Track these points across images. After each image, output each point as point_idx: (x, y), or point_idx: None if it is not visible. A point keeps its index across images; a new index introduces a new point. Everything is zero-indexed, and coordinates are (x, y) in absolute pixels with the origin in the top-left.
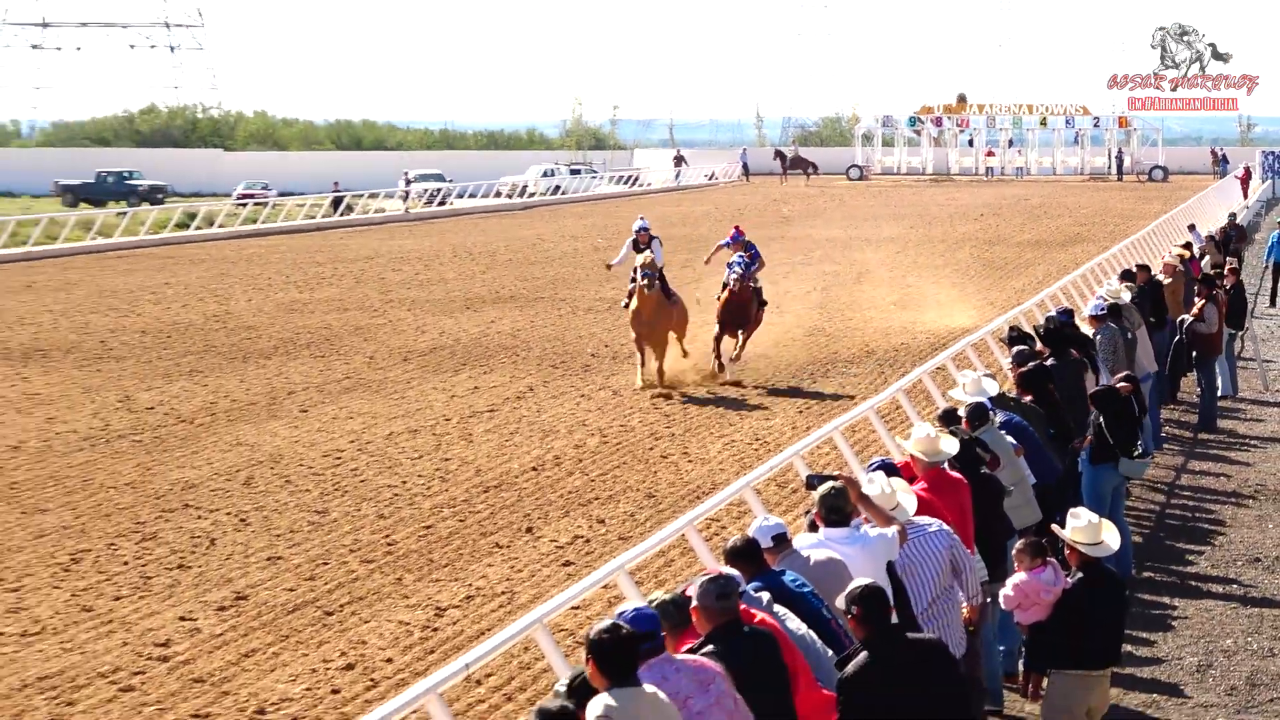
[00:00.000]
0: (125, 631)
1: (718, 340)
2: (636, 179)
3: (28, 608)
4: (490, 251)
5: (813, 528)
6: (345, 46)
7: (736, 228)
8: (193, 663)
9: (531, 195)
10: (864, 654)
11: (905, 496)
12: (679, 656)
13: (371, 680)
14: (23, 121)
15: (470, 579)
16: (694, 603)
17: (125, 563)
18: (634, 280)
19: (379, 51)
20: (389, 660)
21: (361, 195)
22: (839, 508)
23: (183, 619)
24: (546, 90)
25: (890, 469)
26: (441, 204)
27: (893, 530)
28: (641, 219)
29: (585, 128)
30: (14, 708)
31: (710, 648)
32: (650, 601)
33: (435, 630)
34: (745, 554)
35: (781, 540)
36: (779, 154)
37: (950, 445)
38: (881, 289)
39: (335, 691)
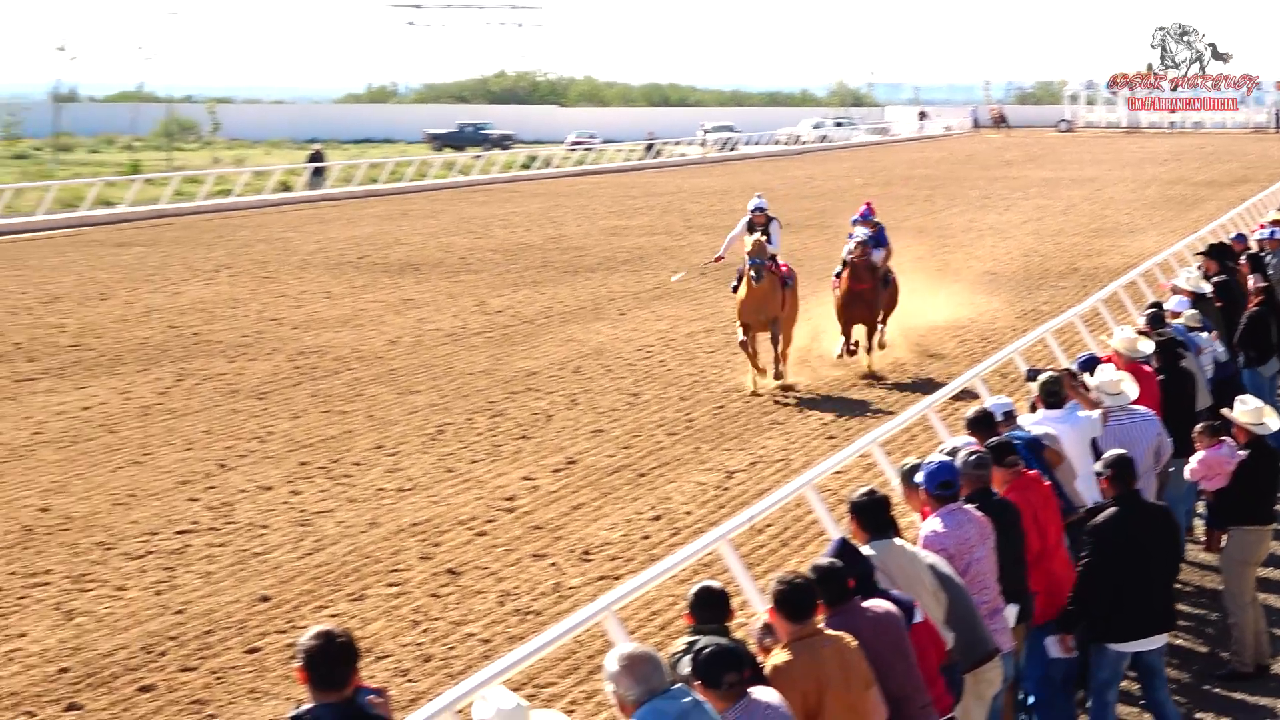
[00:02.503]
0: (479, 488)
1: (846, 333)
2: (887, 130)
3: (403, 469)
4: (770, 187)
5: (1033, 409)
6: (658, 21)
7: (868, 204)
8: (533, 513)
9: (804, 143)
10: (1113, 508)
11: (1129, 385)
12: (969, 508)
13: (675, 528)
14: (400, 83)
15: (754, 448)
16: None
17: (479, 433)
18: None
19: (685, 24)
20: (689, 513)
21: (668, 142)
22: (1055, 392)
23: (525, 478)
24: (817, 59)
25: (1095, 362)
26: (731, 150)
27: (1097, 413)
28: (759, 197)
29: (847, 89)
30: (392, 547)
31: (969, 507)
32: (903, 466)
33: (726, 489)
34: (980, 422)
35: (1010, 417)
36: (992, 112)
37: (1147, 346)
38: (1084, 219)
39: (645, 537)
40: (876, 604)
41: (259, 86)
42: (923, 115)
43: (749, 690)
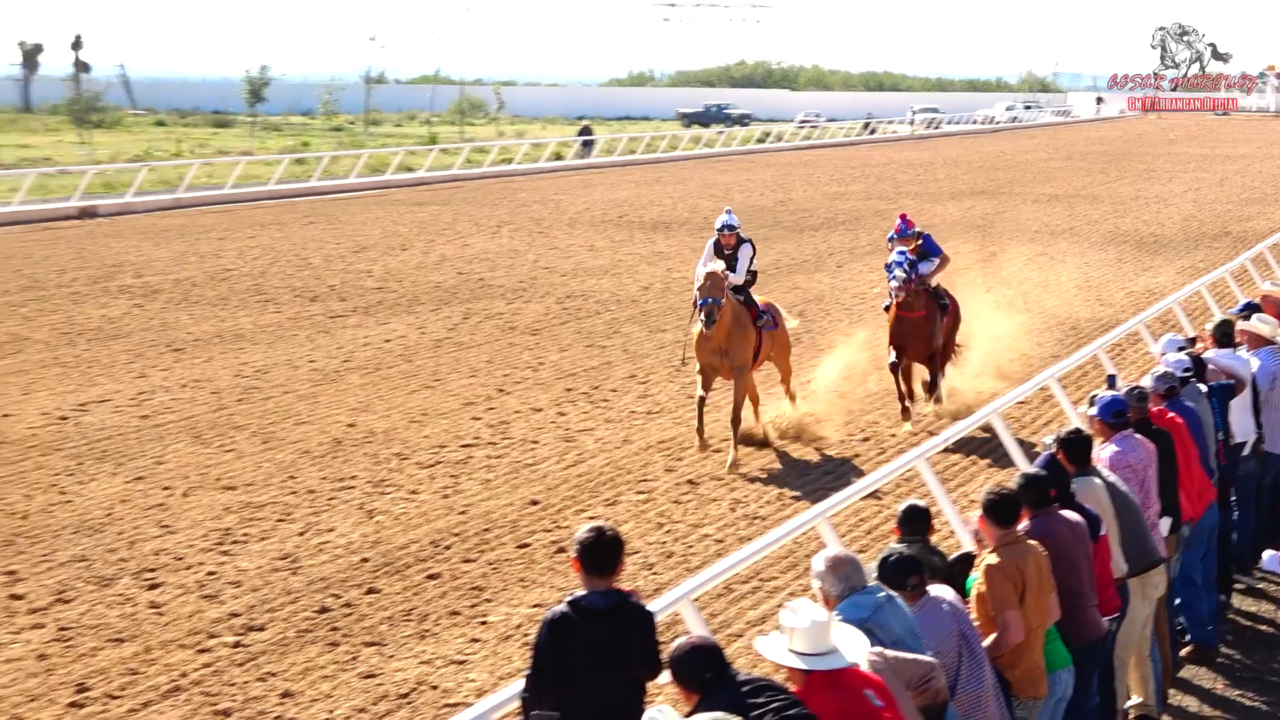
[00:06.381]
0: (716, 412)
1: (895, 369)
2: (1069, 112)
3: (652, 395)
4: (968, 160)
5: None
6: (876, 15)
7: (903, 216)
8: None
9: (997, 123)
10: None
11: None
12: (1138, 435)
13: (881, 448)
14: (655, 70)
15: (950, 381)
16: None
17: None
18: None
19: (899, 19)
20: (893, 435)
21: (883, 121)
22: (1227, 334)
23: None
24: (1010, 51)
25: (1255, 308)
26: (935, 128)
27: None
28: (728, 213)
29: (1035, 77)
30: (641, 461)
31: (1138, 435)
32: (1091, 397)
33: (925, 415)
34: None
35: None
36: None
37: None
38: (1236, 190)
39: (856, 455)
40: (1069, 513)
41: (538, 72)
42: (1099, 100)
43: (928, 589)
